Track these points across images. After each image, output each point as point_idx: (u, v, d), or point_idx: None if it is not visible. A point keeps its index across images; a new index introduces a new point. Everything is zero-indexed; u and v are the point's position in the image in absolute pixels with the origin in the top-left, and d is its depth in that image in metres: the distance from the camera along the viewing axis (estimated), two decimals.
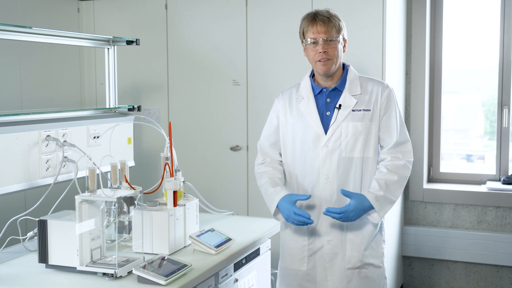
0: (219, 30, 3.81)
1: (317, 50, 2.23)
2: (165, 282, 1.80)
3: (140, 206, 2.18)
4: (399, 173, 2.25)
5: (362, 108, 2.27)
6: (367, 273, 2.30)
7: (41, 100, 3.86)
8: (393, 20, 3.57)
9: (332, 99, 2.30)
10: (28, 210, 2.24)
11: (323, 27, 2.22)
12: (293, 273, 2.37)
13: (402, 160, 2.27)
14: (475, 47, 4.14)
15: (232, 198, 3.81)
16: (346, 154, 2.26)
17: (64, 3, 4.10)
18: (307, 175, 2.31)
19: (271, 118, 2.43)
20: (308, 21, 2.27)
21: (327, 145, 2.26)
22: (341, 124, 2.26)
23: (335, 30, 2.24)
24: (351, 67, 2.36)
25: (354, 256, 2.28)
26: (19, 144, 2.21)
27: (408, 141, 2.32)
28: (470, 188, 3.96)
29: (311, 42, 2.25)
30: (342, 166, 2.26)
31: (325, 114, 2.30)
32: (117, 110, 2.85)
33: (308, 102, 2.32)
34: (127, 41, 2.83)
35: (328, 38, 2.22)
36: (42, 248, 1.96)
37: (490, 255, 3.85)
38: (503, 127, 3.96)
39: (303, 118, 2.32)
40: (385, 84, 2.33)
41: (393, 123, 2.29)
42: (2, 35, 2.30)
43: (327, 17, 2.24)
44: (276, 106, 2.42)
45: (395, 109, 2.30)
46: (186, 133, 3.92)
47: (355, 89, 2.29)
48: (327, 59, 2.23)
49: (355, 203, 2.20)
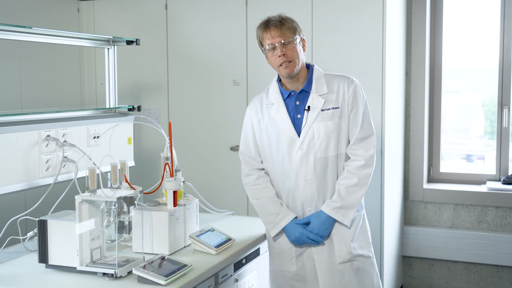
0: (219, 30, 3.81)
1: (276, 54, 2.25)
2: (165, 282, 1.80)
3: (140, 206, 2.18)
4: (359, 174, 2.27)
5: (330, 107, 2.29)
6: (359, 265, 2.32)
7: (41, 100, 3.85)
8: (393, 20, 3.57)
9: (301, 102, 2.32)
10: (28, 210, 2.24)
11: (276, 31, 2.24)
12: (283, 274, 2.39)
13: (363, 159, 2.28)
14: (475, 47, 4.14)
15: (232, 198, 3.81)
16: (321, 154, 2.28)
17: (64, 3, 4.10)
18: (286, 179, 2.34)
19: (246, 126, 2.44)
20: (262, 29, 2.29)
21: (302, 147, 2.28)
22: (312, 125, 2.28)
23: (290, 31, 2.25)
24: (316, 66, 2.37)
25: (342, 250, 2.30)
26: (19, 144, 2.21)
27: (372, 135, 2.32)
28: (470, 188, 3.96)
29: (269, 49, 2.27)
30: (319, 166, 2.29)
31: (296, 117, 2.32)
32: (117, 110, 2.85)
33: (278, 107, 2.33)
34: (127, 41, 2.83)
35: (284, 41, 2.24)
36: (42, 248, 1.96)
37: (490, 255, 3.85)
38: (503, 127, 3.96)
39: (275, 123, 2.33)
40: (350, 79, 2.34)
41: (359, 118, 2.31)
42: (2, 35, 2.30)
43: (279, 21, 2.26)
44: (248, 114, 2.43)
45: (362, 103, 2.32)
46: (186, 133, 3.92)
47: (322, 89, 2.31)
48: (288, 61, 2.25)
49: (314, 224, 2.29)
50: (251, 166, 2.42)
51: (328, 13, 3.53)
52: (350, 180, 2.28)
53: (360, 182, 2.28)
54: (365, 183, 2.30)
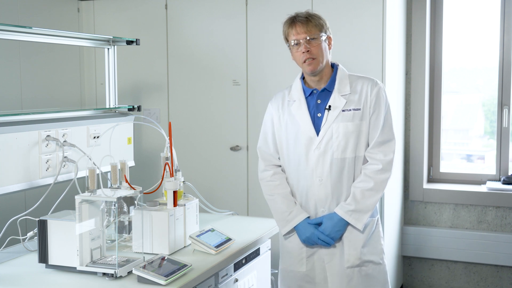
0: (219, 30, 3.81)
1: (301, 51, 2.24)
2: (165, 282, 1.80)
3: (140, 206, 2.18)
4: (376, 178, 2.25)
5: (352, 108, 2.26)
6: (368, 271, 2.29)
7: (41, 100, 3.85)
8: (393, 20, 3.57)
9: (322, 100, 2.30)
10: (28, 210, 2.24)
11: (302, 27, 2.23)
12: (293, 274, 2.37)
13: (381, 163, 2.25)
14: (475, 47, 4.14)
15: (232, 198, 3.81)
16: (339, 155, 2.26)
17: (64, 3, 4.10)
18: (302, 178, 2.32)
19: (266, 122, 2.43)
20: (288, 24, 2.28)
21: (319, 147, 2.27)
22: (332, 125, 2.26)
23: (316, 28, 2.24)
24: (341, 66, 2.35)
25: (352, 254, 2.28)
26: (19, 144, 2.21)
27: (392, 140, 2.30)
28: (470, 188, 3.96)
29: (294, 44, 2.26)
30: (335, 167, 2.26)
31: (316, 116, 2.30)
32: (117, 110, 2.85)
33: (300, 104, 2.32)
34: (127, 41, 2.83)
35: (310, 37, 2.23)
36: (42, 248, 1.96)
37: (490, 255, 3.85)
38: (503, 127, 3.96)
39: (295, 121, 2.32)
40: (374, 81, 2.31)
41: (380, 122, 2.28)
42: (2, 35, 2.30)
43: (305, 17, 2.25)
44: (269, 110, 2.42)
45: (384, 106, 2.29)
46: (186, 133, 3.92)
47: (344, 89, 2.28)
48: (312, 58, 2.23)
49: (326, 226, 2.26)
50: (268, 162, 2.41)
51: (328, 13, 3.52)
52: (366, 184, 2.25)
53: (377, 187, 2.25)
54: (381, 188, 2.27)
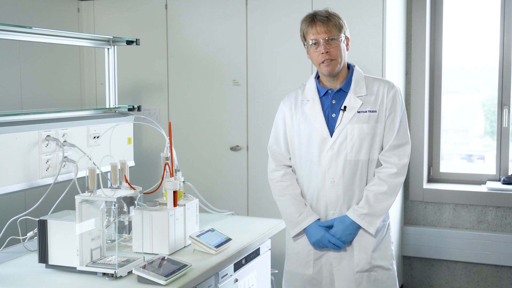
0: (219, 30, 3.81)
1: (319, 51, 2.19)
2: (165, 282, 1.80)
3: (140, 206, 2.18)
4: (390, 182, 2.22)
5: (367, 110, 2.22)
6: (377, 276, 2.26)
7: (41, 100, 3.85)
8: (393, 20, 3.57)
9: (337, 101, 2.26)
10: (28, 210, 2.23)
11: (322, 27, 2.18)
12: (299, 277, 2.33)
13: (395, 167, 2.22)
14: (475, 47, 4.14)
15: (232, 198, 3.81)
16: (352, 157, 2.22)
17: (64, 3, 4.10)
18: (313, 179, 2.28)
19: (278, 121, 2.39)
20: (307, 23, 2.22)
21: (333, 148, 2.22)
22: (347, 126, 2.21)
23: (336, 28, 2.19)
24: (357, 67, 2.32)
25: (362, 258, 2.24)
26: (19, 144, 2.21)
27: (407, 144, 2.27)
28: (470, 188, 3.96)
29: (312, 44, 2.20)
30: (348, 169, 2.22)
31: (331, 116, 2.25)
32: (117, 110, 2.85)
33: (314, 104, 2.27)
34: (127, 41, 2.83)
35: (329, 38, 2.18)
36: (42, 248, 1.96)
37: (490, 255, 3.85)
38: (503, 127, 3.96)
39: (309, 120, 2.27)
40: (391, 84, 2.28)
41: (396, 125, 2.24)
42: (2, 35, 2.30)
43: (326, 16, 2.20)
44: (282, 109, 2.37)
45: (400, 110, 2.26)
46: (186, 133, 3.92)
47: (361, 90, 2.25)
48: (330, 59, 2.19)
49: (337, 229, 2.23)
50: (278, 162, 2.37)
51: None
52: (380, 187, 2.21)
53: (390, 191, 2.21)
54: (395, 192, 2.23)
